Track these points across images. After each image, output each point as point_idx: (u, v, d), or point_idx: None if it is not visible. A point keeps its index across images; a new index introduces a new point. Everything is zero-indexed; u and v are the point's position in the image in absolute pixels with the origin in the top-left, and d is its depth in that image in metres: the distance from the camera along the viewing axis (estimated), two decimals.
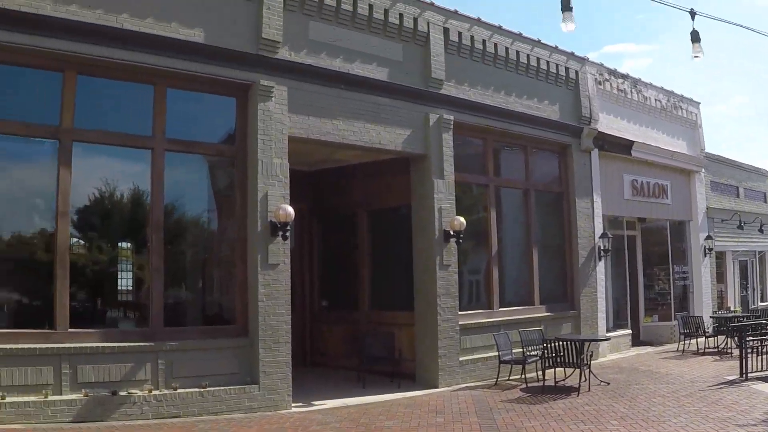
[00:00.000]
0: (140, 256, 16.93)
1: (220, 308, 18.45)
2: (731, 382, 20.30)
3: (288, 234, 17.64)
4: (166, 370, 15.92)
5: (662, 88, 31.08)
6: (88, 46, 15.27)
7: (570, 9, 15.74)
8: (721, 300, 35.96)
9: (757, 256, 40.96)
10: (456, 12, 22.04)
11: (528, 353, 20.89)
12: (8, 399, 13.91)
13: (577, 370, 20.00)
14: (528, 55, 24.21)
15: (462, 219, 20.85)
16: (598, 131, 26.50)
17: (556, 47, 25.40)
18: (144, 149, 16.55)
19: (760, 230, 38.10)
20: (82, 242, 16.29)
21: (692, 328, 27.77)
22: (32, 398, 14.19)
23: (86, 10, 15.25)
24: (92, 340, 15.24)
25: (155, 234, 16.48)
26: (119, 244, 17.11)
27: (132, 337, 15.88)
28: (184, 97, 17.19)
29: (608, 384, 20.33)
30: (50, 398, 14.39)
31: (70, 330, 15.06)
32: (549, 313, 24.43)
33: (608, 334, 25.84)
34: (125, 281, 16.98)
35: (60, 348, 14.71)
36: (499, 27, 23.35)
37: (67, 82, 15.47)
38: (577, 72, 26.09)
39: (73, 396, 14.70)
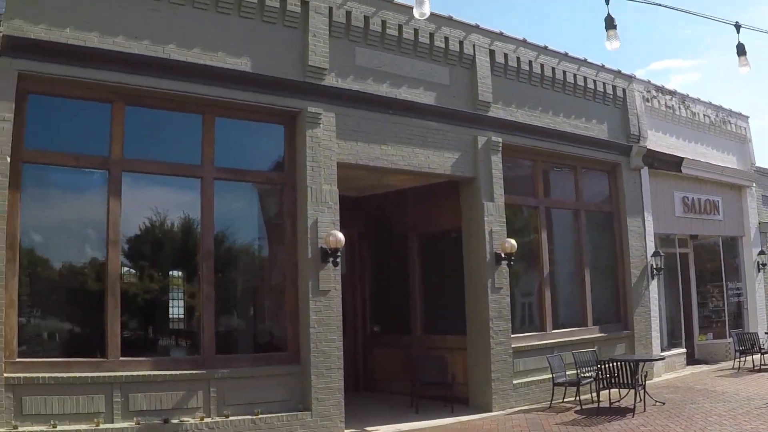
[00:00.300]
0: (191, 284, 16.75)
1: (272, 335, 18.19)
2: None
3: (338, 260, 17.39)
4: (218, 397, 15.66)
5: (710, 103, 30.47)
6: (135, 77, 15.21)
7: (614, 27, 15.40)
8: None
9: None
10: (501, 34, 21.73)
11: (582, 375, 20.48)
12: (60, 427, 13.74)
13: (632, 391, 19.45)
14: (575, 75, 23.83)
15: (513, 241, 20.44)
16: (648, 149, 25.99)
17: (603, 66, 24.99)
18: (193, 178, 16.43)
19: None
20: (133, 271, 16.15)
21: (747, 345, 27.06)
22: (84, 426, 13.99)
23: (133, 41, 15.20)
24: (144, 368, 15.05)
25: (206, 262, 16.31)
26: (170, 272, 16.96)
27: (183, 365, 15.65)
28: (233, 125, 17.04)
29: (663, 404, 19.82)
30: (102, 426, 14.19)
31: (121, 358, 14.88)
32: (602, 334, 23.88)
33: (663, 354, 25.25)
34: (176, 309, 16.81)
35: (112, 376, 14.52)
36: (545, 47, 23.02)
37: (116, 113, 15.40)
38: (624, 90, 25.64)
39: (125, 424, 14.48)
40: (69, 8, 14.61)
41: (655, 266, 25.82)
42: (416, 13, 13.60)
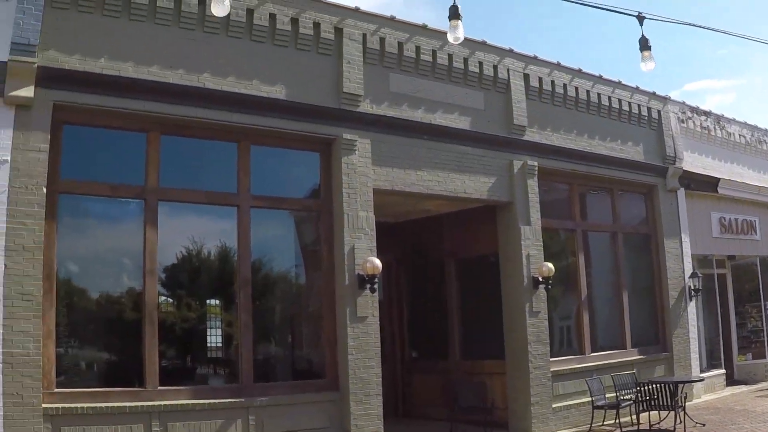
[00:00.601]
0: (229, 312, 16.51)
1: (310, 362, 17.89)
2: None
3: (376, 286, 17.11)
4: (256, 425, 15.37)
5: (746, 123, 29.95)
6: (170, 106, 15.10)
7: (649, 48, 15.06)
8: None
9: None
10: (535, 57, 21.43)
11: (621, 397, 20.13)
12: None
13: (672, 413, 19.20)
14: (609, 97, 23.47)
15: (550, 265, 20.12)
16: (684, 170, 25.58)
17: (638, 87, 24.61)
18: (229, 206, 16.23)
19: None
20: (170, 300, 15.96)
21: None
22: None
23: (168, 71, 15.07)
24: (182, 397, 14.79)
25: (243, 290, 16.06)
26: (208, 301, 16.77)
27: (222, 394, 15.40)
28: (268, 153, 16.87)
29: (704, 425, 19.42)
30: None
31: (159, 388, 14.64)
32: (641, 356, 23.40)
33: (702, 375, 24.77)
34: (214, 338, 16.59)
35: (150, 406, 14.26)
36: (579, 70, 22.68)
37: (151, 142, 15.25)
38: (659, 111, 25.24)
39: None
40: (103, 38, 14.52)
41: (693, 287, 25.33)
42: (450, 38, 13.46)
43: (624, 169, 23.77)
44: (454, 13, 13.19)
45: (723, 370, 27.60)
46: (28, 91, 13.43)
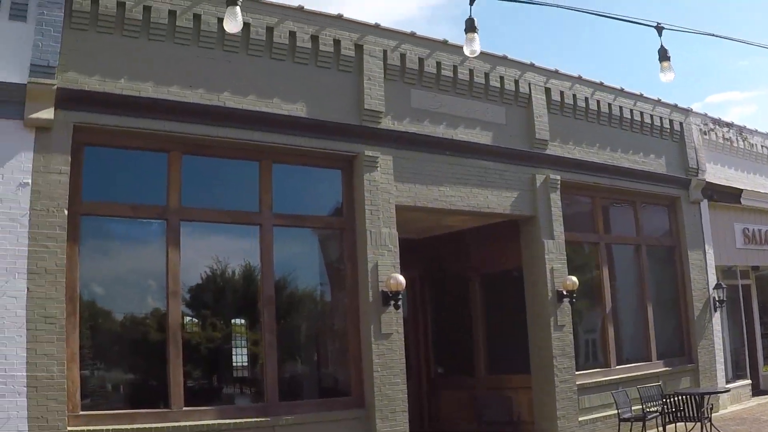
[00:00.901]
0: (253, 331, 16.19)
1: (335, 380, 17.63)
2: None
3: (400, 303, 16.80)
4: None
5: None
6: (191, 125, 14.88)
7: (668, 59, 14.75)
8: None
9: None
10: (557, 71, 21.14)
11: (647, 410, 19.80)
12: None
13: (698, 424, 19.03)
14: (631, 110, 23.16)
15: (574, 278, 19.79)
16: (706, 182, 25.25)
17: (659, 100, 24.31)
18: (252, 225, 15.99)
19: None
20: (195, 320, 15.69)
21: None
22: None
23: (187, 90, 14.86)
24: (208, 417, 14.50)
25: (267, 309, 15.78)
26: (232, 320, 16.54)
27: (248, 413, 15.11)
28: (290, 171, 16.63)
29: None
30: None
31: (185, 408, 14.35)
32: (667, 368, 23.05)
33: (728, 386, 24.39)
34: (240, 357, 16.41)
35: (176, 427, 13.98)
36: (601, 83, 22.39)
37: (173, 162, 15.03)
38: (681, 123, 24.91)
39: None
40: (123, 59, 14.34)
41: (717, 298, 24.97)
42: (467, 51, 13.21)
43: (647, 181, 23.46)
44: (470, 26, 12.94)
45: (748, 381, 27.25)
46: (48, 113, 13.26)
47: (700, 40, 55.83)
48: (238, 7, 11.51)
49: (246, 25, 15.31)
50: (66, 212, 13.33)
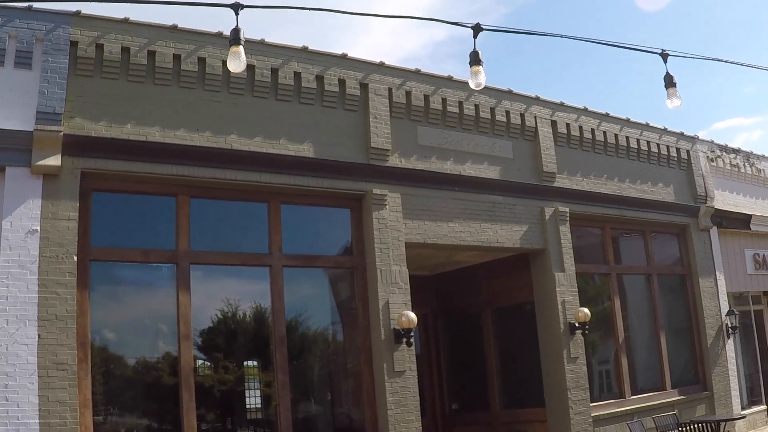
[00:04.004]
0: (266, 372, 15.96)
1: (350, 419, 17.34)
2: None
3: (412, 340, 16.56)
4: None
5: None
6: (198, 168, 14.79)
7: (674, 85, 14.62)
8: None
9: None
10: (562, 104, 21.01)
11: None
12: None
13: None
14: (638, 140, 22.99)
15: (586, 310, 19.50)
16: (715, 208, 25.02)
17: (665, 129, 24.15)
18: (262, 267, 15.81)
19: None
20: (207, 363, 15.49)
21: None
22: None
23: (194, 134, 14.79)
24: None
25: (279, 350, 15.57)
26: (244, 362, 16.27)
27: None
28: (299, 211, 16.49)
29: None
30: None
31: None
32: (681, 396, 22.69)
33: (743, 412, 24.10)
34: (253, 399, 16.04)
35: None
36: (606, 114, 22.24)
37: (181, 206, 14.91)
38: (688, 151, 24.72)
39: None
40: (129, 104, 14.30)
41: (730, 325, 24.67)
42: (472, 84, 12.99)
43: (656, 210, 23.25)
44: (475, 59, 12.75)
45: (764, 406, 26.85)
46: (55, 160, 13.22)
47: (704, 68, 55.88)
48: (241, 47, 11.37)
49: (251, 67, 15.30)
50: (75, 258, 13.21)
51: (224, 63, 14.93)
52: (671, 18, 71.98)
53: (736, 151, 27.45)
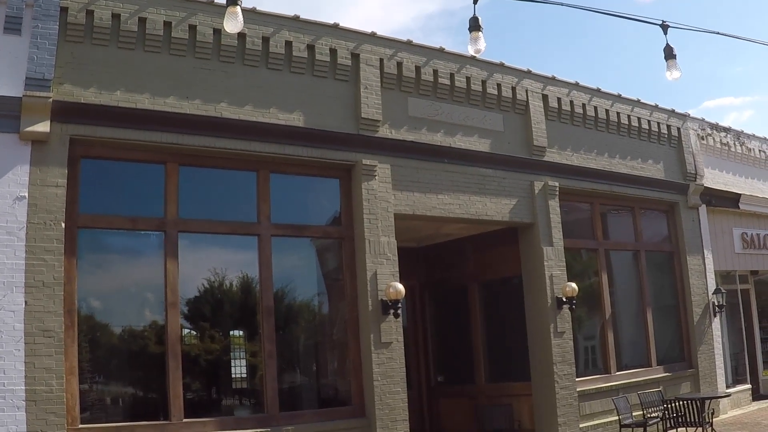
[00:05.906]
0: (252, 342, 16.07)
1: (336, 390, 17.48)
2: None
3: (399, 311, 16.64)
4: None
5: (765, 139, 29.43)
6: (188, 136, 14.78)
7: (674, 57, 14.52)
8: None
9: None
10: (554, 78, 21.04)
11: (648, 415, 19.85)
12: None
13: (699, 429, 19.06)
14: (629, 116, 23.06)
15: (574, 285, 19.63)
16: (705, 187, 25.13)
17: (657, 105, 24.20)
18: (250, 236, 15.86)
19: None
20: (194, 332, 15.55)
21: None
22: None
23: (184, 102, 14.78)
24: (208, 429, 14.44)
25: (266, 320, 15.64)
26: (231, 332, 16.39)
27: (248, 424, 14.98)
28: (288, 181, 16.51)
29: None
30: None
31: (185, 420, 14.25)
32: (667, 373, 22.91)
33: (728, 390, 24.33)
34: (239, 369, 16.24)
35: None
36: (598, 89, 22.29)
37: (170, 174, 14.92)
38: (679, 129, 24.81)
39: None
40: (118, 70, 14.28)
41: (716, 303, 24.86)
42: (471, 50, 12.91)
43: (645, 187, 23.36)
44: (474, 25, 12.66)
45: (748, 385, 27.15)
46: (44, 126, 13.21)
47: (695, 47, 55.74)
48: (238, 7, 11.30)
49: (242, 35, 15.30)
50: (63, 225, 13.23)
51: (215, 31, 15.02)
52: (662, 10, 71.97)
53: (727, 130, 27.53)
